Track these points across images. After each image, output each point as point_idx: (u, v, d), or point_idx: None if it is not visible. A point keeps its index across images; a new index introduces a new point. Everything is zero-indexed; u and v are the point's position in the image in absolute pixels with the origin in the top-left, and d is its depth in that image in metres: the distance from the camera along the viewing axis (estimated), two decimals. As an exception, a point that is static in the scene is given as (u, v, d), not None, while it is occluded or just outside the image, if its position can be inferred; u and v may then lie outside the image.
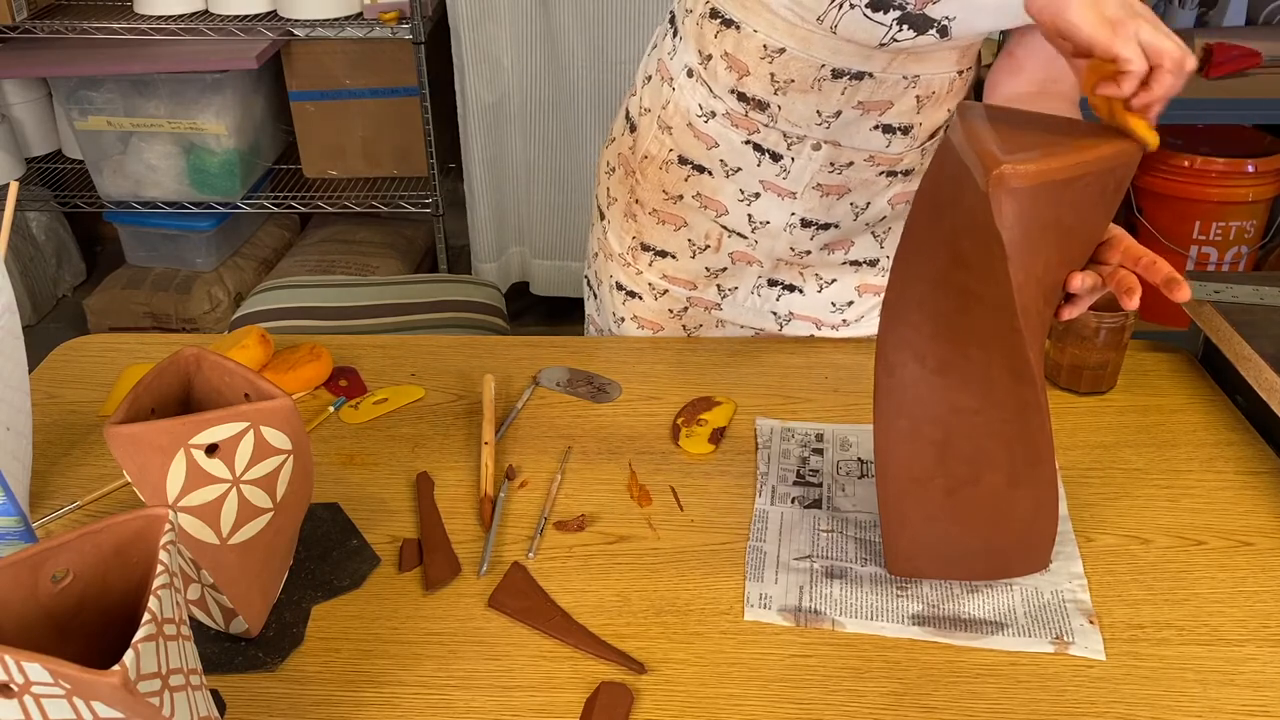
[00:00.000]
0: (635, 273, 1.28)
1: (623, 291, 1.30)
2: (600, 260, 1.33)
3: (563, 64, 2.57)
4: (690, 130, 1.16)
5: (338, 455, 1.07)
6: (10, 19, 2.53)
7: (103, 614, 0.67)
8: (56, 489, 1.03)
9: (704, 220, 1.21)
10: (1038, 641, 0.85)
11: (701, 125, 1.15)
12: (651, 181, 1.22)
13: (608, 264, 1.31)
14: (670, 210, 1.22)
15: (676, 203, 1.21)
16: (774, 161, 1.14)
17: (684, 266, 1.25)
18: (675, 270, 1.25)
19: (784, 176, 1.15)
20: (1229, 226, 2.56)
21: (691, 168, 1.18)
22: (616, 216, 1.28)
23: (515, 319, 2.81)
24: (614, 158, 1.28)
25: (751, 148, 1.14)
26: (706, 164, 1.17)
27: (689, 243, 1.23)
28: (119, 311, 2.77)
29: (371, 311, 1.82)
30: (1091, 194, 0.77)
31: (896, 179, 1.16)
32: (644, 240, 1.25)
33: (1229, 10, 2.54)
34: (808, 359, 1.22)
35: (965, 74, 1.11)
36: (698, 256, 1.24)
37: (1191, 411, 1.13)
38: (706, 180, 1.18)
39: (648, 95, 1.21)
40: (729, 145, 1.15)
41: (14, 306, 0.95)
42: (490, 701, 0.81)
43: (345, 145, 2.78)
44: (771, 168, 1.14)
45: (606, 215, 1.30)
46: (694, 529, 0.97)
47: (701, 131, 1.15)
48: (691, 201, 1.20)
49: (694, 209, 1.21)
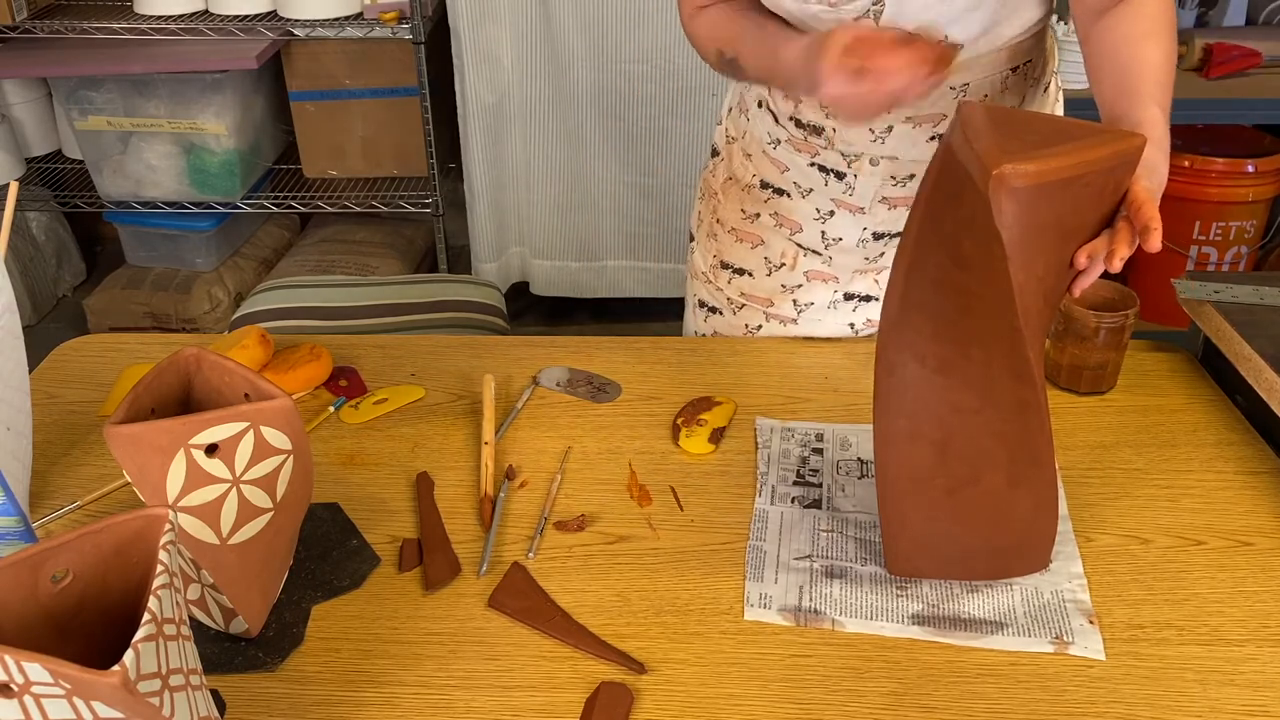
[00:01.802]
0: (715, 289, 1.32)
1: (705, 308, 1.34)
2: (689, 280, 1.39)
3: (563, 64, 2.57)
4: (766, 156, 1.22)
5: (338, 455, 1.07)
6: (10, 19, 2.53)
7: (103, 614, 0.67)
8: (56, 489, 1.03)
9: (780, 239, 1.25)
10: (1038, 641, 0.85)
11: (772, 151, 1.21)
12: (733, 201, 1.27)
13: (693, 283, 1.36)
14: (748, 229, 1.27)
15: (754, 221, 1.26)
16: (839, 180, 1.17)
17: (760, 284, 1.28)
18: (752, 288, 1.29)
19: (850, 193, 1.18)
20: (1229, 226, 2.56)
21: (772, 191, 1.23)
22: (702, 237, 1.34)
23: (515, 319, 2.81)
24: (703, 184, 1.35)
25: (816, 169, 1.18)
26: (784, 186, 1.22)
27: (765, 260, 1.27)
28: (119, 311, 2.77)
29: (371, 311, 1.82)
30: (1091, 194, 0.77)
31: None
32: (724, 258, 1.30)
33: (1229, 10, 2.55)
34: (808, 359, 1.22)
35: (1023, 68, 1.11)
36: (773, 274, 1.27)
37: (1191, 411, 1.13)
38: (784, 201, 1.23)
39: (731, 125, 1.28)
40: (797, 168, 1.19)
41: (14, 306, 0.95)
42: (490, 701, 0.81)
43: (345, 145, 2.78)
44: (838, 185, 1.18)
45: (695, 236, 1.36)
46: (694, 529, 0.97)
47: (774, 157, 1.21)
48: (768, 220, 1.25)
49: (770, 228, 1.25)
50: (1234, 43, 2.33)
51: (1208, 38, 2.37)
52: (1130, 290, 1.14)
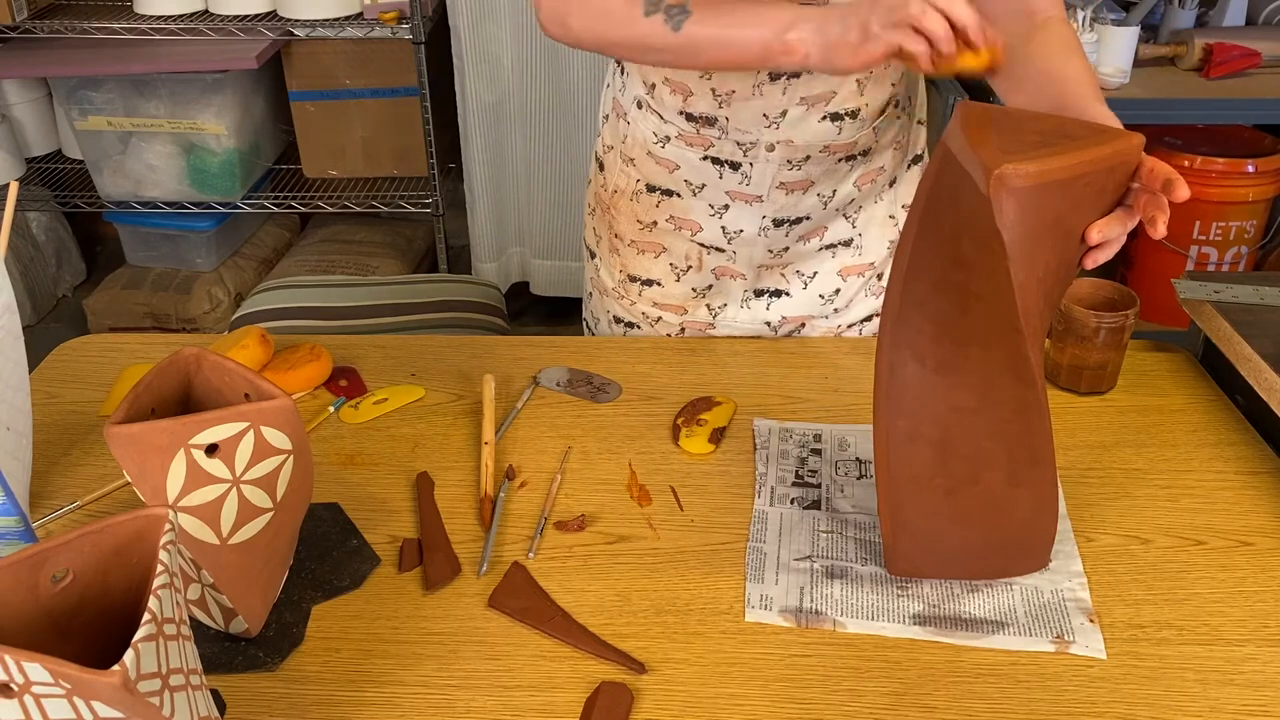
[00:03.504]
0: (629, 304, 1.30)
1: (621, 324, 1.33)
2: (595, 298, 1.36)
3: (563, 64, 2.57)
4: (651, 158, 1.19)
5: (338, 455, 1.07)
6: (10, 19, 2.53)
7: (103, 614, 0.67)
8: (56, 489, 1.03)
9: (681, 242, 1.23)
10: (1038, 640, 0.85)
11: (660, 151, 1.18)
12: (625, 214, 1.25)
13: (604, 300, 1.34)
14: (648, 239, 1.25)
15: (652, 230, 1.24)
16: (734, 170, 1.16)
17: (670, 292, 1.27)
18: (663, 297, 1.28)
19: (746, 183, 1.16)
20: (1229, 226, 2.56)
21: (660, 193, 1.21)
22: (604, 253, 1.32)
23: (515, 319, 2.81)
24: (592, 198, 1.32)
25: (710, 162, 1.16)
26: (673, 187, 1.20)
27: (671, 266, 1.26)
28: (119, 311, 2.77)
29: (371, 311, 1.82)
30: (1091, 193, 0.77)
31: (857, 162, 1.17)
32: (630, 272, 1.28)
33: (1229, 10, 2.54)
34: (808, 359, 1.22)
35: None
36: (682, 279, 1.26)
37: (1191, 411, 1.13)
38: (676, 202, 1.20)
39: (608, 133, 1.26)
40: (689, 164, 1.17)
41: (14, 306, 0.95)
42: (490, 701, 0.81)
43: (345, 145, 2.78)
44: (733, 177, 1.16)
45: (596, 253, 1.34)
46: (694, 529, 0.97)
47: (661, 157, 1.19)
48: (666, 225, 1.23)
49: (669, 232, 1.23)
50: (1234, 43, 2.33)
51: (1208, 38, 2.37)
52: (1130, 290, 1.14)
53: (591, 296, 1.38)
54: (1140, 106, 2.23)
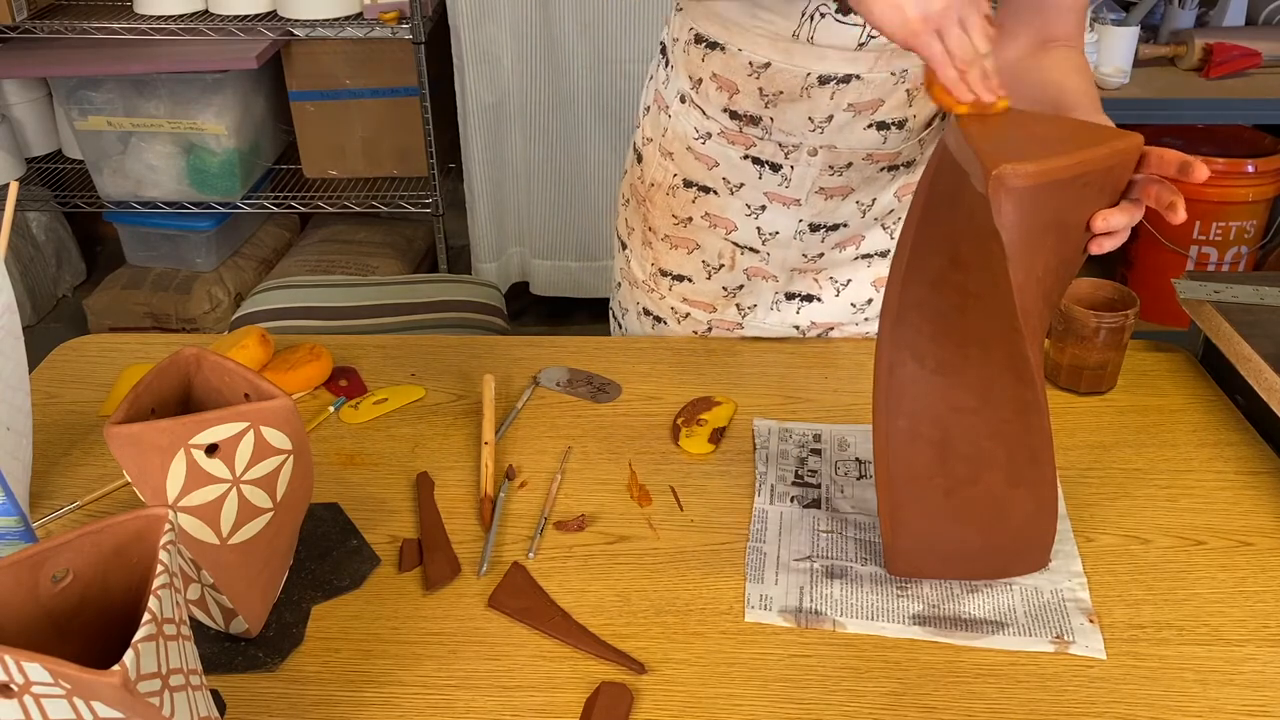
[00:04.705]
0: (659, 298, 1.30)
1: (649, 317, 1.32)
2: (625, 289, 1.35)
3: (563, 64, 2.57)
4: (690, 153, 1.18)
5: (338, 455, 1.07)
6: (10, 19, 2.53)
7: (103, 614, 0.67)
8: (56, 489, 1.03)
9: (715, 239, 1.23)
10: (1038, 641, 0.85)
11: (700, 147, 1.17)
12: (661, 207, 1.24)
13: (633, 291, 1.33)
14: (682, 234, 1.24)
15: (686, 225, 1.23)
16: (774, 172, 1.15)
17: (701, 289, 1.26)
18: (693, 293, 1.27)
19: (786, 185, 1.16)
20: (1229, 226, 2.57)
21: (697, 189, 1.20)
22: (636, 245, 1.31)
23: (515, 319, 2.81)
24: (627, 190, 1.31)
25: (750, 162, 1.15)
26: (710, 184, 1.19)
27: (703, 264, 1.25)
28: (119, 311, 2.77)
29: (371, 311, 1.83)
30: (1091, 193, 0.77)
31: (899, 172, 1.16)
32: (661, 266, 1.28)
33: (1229, 10, 2.55)
34: (807, 359, 1.22)
35: None
36: (713, 277, 1.25)
37: (1191, 411, 1.13)
38: (713, 199, 1.20)
39: (648, 125, 1.25)
40: (729, 162, 1.16)
41: (14, 306, 0.95)
42: (490, 701, 0.81)
43: (345, 145, 2.78)
44: (773, 178, 1.15)
45: (628, 245, 1.33)
46: (694, 529, 0.97)
47: (701, 153, 1.18)
48: (701, 222, 1.22)
49: (704, 229, 1.22)
50: (1234, 43, 2.33)
51: (1208, 38, 2.37)
52: (1130, 290, 1.14)
53: (620, 287, 1.37)
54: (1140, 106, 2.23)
